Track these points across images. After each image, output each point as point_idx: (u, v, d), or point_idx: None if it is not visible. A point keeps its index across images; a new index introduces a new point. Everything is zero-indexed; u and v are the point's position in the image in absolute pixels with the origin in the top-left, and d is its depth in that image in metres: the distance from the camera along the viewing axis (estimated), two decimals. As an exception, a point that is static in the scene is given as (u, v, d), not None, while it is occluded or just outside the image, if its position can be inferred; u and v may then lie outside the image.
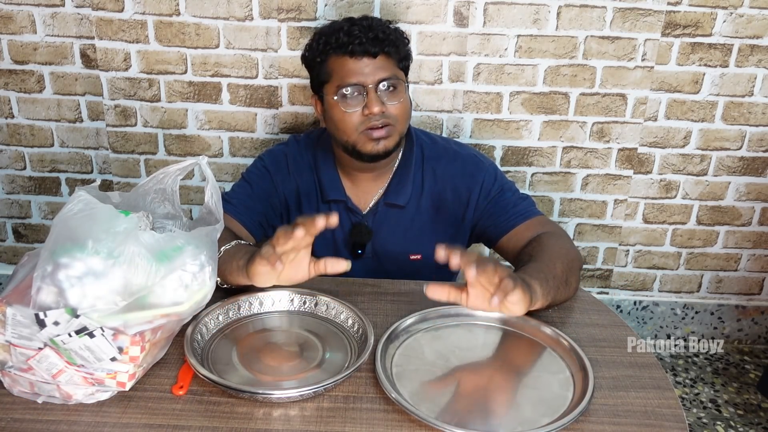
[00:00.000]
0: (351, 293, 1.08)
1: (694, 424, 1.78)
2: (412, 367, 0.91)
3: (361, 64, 1.16)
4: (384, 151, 1.19)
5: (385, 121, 1.17)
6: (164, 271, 0.81)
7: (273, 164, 1.31)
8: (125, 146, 1.89)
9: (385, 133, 1.18)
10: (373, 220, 1.29)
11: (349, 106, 1.17)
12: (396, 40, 1.19)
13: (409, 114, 1.23)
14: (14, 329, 0.78)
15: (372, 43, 1.15)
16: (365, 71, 1.16)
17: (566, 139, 1.86)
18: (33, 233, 2.03)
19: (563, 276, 1.03)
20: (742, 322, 2.09)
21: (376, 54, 1.16)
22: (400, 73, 1.21)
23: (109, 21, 1.74)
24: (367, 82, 1.16)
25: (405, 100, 1.20)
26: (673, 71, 1.79)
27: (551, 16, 1.73)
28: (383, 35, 1.16)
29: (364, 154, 1.19)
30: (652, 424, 0.81)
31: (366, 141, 1.18)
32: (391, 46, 1.18)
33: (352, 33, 1.15)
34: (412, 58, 1.26)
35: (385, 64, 1.17)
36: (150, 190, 0.95)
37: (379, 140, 1.17)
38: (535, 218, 1.22)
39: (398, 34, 1.21)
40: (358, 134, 1.18)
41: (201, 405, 0.83)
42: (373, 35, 1.15)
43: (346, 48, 1.16)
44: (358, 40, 1.15)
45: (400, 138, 1.21)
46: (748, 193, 1.93)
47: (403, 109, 1.19)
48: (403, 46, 1.21)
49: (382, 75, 1.16)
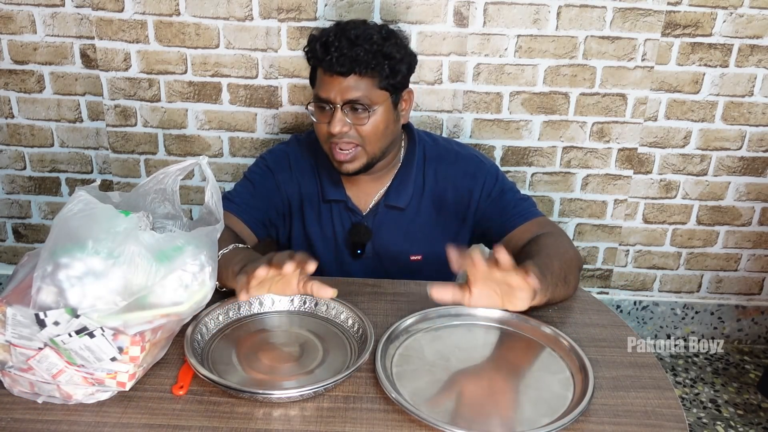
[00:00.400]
0: (351, 293, 1.08)
1: (694, 424, 1.78)
2: (412, 367, 0.91)
3: (332, 80, 1.13)
4: (346, 173, 1.20)
5: (349, 140, 1.16)
6: (164, 271, 0.81)
7: (275, 163, 1.31)
8: (125, 146, 1.89)
9: (349, 157, 1.17)
10: (373, 221, 1.29)
11: (318, 118, 1.17)
12: (376, 59, 1.12)
13: (383, 135, 1.18)
14: (14, 329, 0.78)
15: (342, 62, 1.10)
16: (334, 89, 1.13)
17: (566, 139, 1.86)
18: (33, 233, 2.03)
19: (561, 273, 1.04)
20: (742, 322, 2.09)
21: (345, 74, 1.12)
22: (376, 93, 1.14)
23: (109, 21, 1.74)
24: (335, 100, 1.13)
25: (377, 121, 1.15)
26: (673, 71, 1.79)
27: (551, 16, 1.73)
28: (360, 55, 1.10)
29: (335, 167, 1.21)
30: (652, 424, 0.81)
31: (333, 157, 1.19)
32: (365, 67, 1.11)
33: (327, 47, 1.11)
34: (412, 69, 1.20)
35: (356, 85, 1.12)
36: (150, 190, 0.95)
37: (341, 162, 1.18)
38: (535, 219, 1.22)
39: (388, 51, 1.13)
40: (328, 146, 1.19)
41: (201, 405, 0.83)
42: (350, 53, 1.10)
43: (320, 62, 1.14)
44: (330, 57, 1.11)
45: (370, 159, 1.19)
46: (748, 193, 1.93)
47: (371, 131, 1.15)
48: (389, 66, 1.14)
49: (350, 96, 1.12)
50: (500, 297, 0.97)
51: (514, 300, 0.95)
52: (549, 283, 0.99)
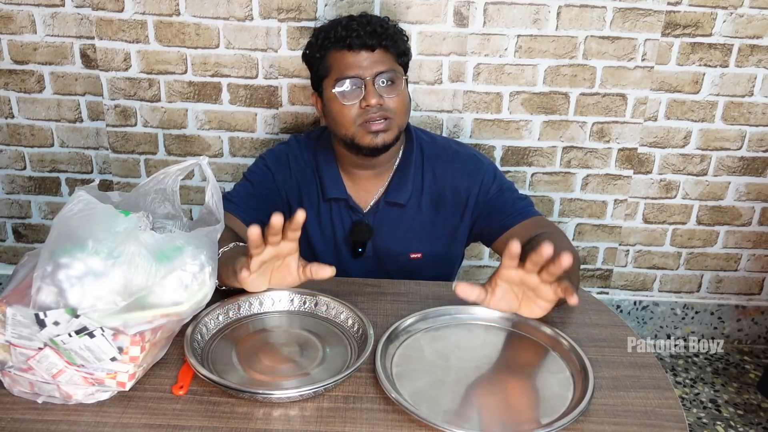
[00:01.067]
0: (351, 293, 1.08)
1: (694, 424, 1.78)
2: (412, 367, 0.91)
3: (359, 57, 1.17)
4: (383, 145, 1.19)
5: (383, 113, 1.17)
6: (164, 271, 0.81)
7: (274, 163, 1.31)
8: (125, 146, 1.89)
9: (384, 126, 1.18)
10: (373, 219, 1.29)
11: (347, 98, 1.18)
12: (394, 35, 1.20)
13: (408, 108, 1.23)
14: (14, 329, 0.78)
15: (370, 37, 1.16)
16: (363, 64, 1.17)
17: (566, 139, 1.86)
18: (33, 233, 2.03)
19: (565, 276, 1.03)
20: (742, 322, 2.09)
21: (374, 47, 1.17)
22: (398, 67, 1.21)
23: (109, 21, 1.74)
24: (365, 74, 1.17)
25: (403, 93, 1.20)
26: (673, 71, 1.79)
27: (551, 16, 1.73)
28: (381, 29, 1.18)
29: (362, 147, 1.19)
30: (652, 424, 0.81)
31: (364, 134, 1.18)
32: (389, 40, 1.19)
33: (350, 27, 1.17)
34: (411, 55, 1.27)
35: (383, 58, 1.18)
36: (150, 191, 0.95)
37: (377, 133, 1.18)
38: (533, 218, 1.22)
39: (396, 30, 1.22)
40: (356, 127, 1.18)
41: (201, 405, 0.83)
42: (371, 29, 1.17)
43: (345, 42, 1.17)
44: (356, 33, 1.16)
45: (399, 132, 1.22)
46: (748, 193, 1.93)
47: (401, 102, 1.19)
48: (401, 42, 1.22)
49: (380, 68, 1.17)
50: (519, 302, 0.97)
51: (533, 308, 0.96)
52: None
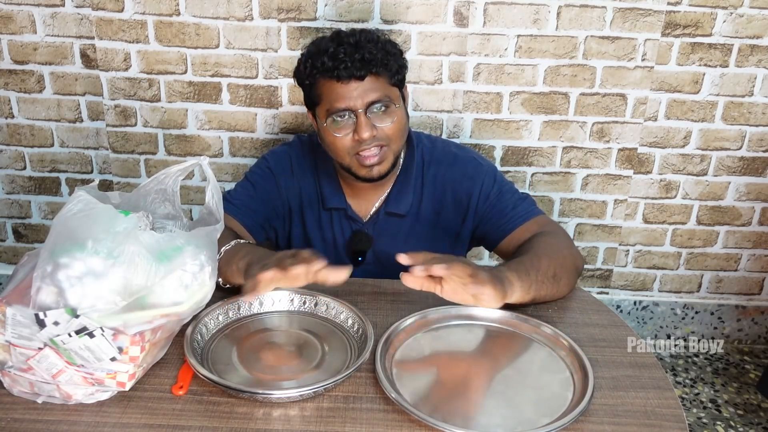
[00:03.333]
0: (351, 293, 1.08)
1: (694, 424, 1.78)
2: (412, 367, 0.91)
3: (349, 87, 1.11)
4: (378, 176, 1.17)
5: (377, 143, 1.14)
6: (164, 271, 0.81)
7: (277, 166, 1.29)
8: (125, 146, 1.89)
9: (378, 159, 1.15)
10: (373, 229, 1.28)
11: (339, 130, 1.13)
12: (385, 57, 1.12)
13: (404, 131, 1.18)
14: (14, 329, 0.78)
15: (358, 67, 1.09)
16: (353, 95, 1.11)
17: (566, 139, 1.86)
18: (33, 233, 2.03)
19: (549, 270, 1.03)
20: (742, 322, 2.09)
21: (363, 76, 1.10)
22: (392, 90, 1.15)
23: (109, 21, 1.74)
24: (356, 106, 1.11)
25: (399, 118, 1.15)
26: (673, 71, 1.79)
27: (551, 16, 1.73)
28: (370, 55, 1.10)
29: (359, 177, 1.18)
30: (652, 424, 0.81)
31: (359, 166, 1.16)
32: (379, 66, 1.11)
33: (337, 56, 1.10)
34: (407, 66, 1.20)
35: (374, 85, 1.12)
36: (151, 191, 0.95)
37: (371, 167, 1.15)
38: (535, 219, 1.21)
39: (389, 48, 1.14)
40: (351, 158, 1.16)
41: (201, 405, 0.83)
42: (359, 56, 1.09)
43: (332, 72, 1.10)
44: (344, 64, 1.09)
45: (395, 158, 1.19)
46: (748, 193, 1.93)
47: (396, 128, 1.15)
48: (394, 63, 1.14)
49: (372, 97, 1.11)
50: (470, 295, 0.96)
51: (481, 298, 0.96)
52: (532, 281, 0.99)
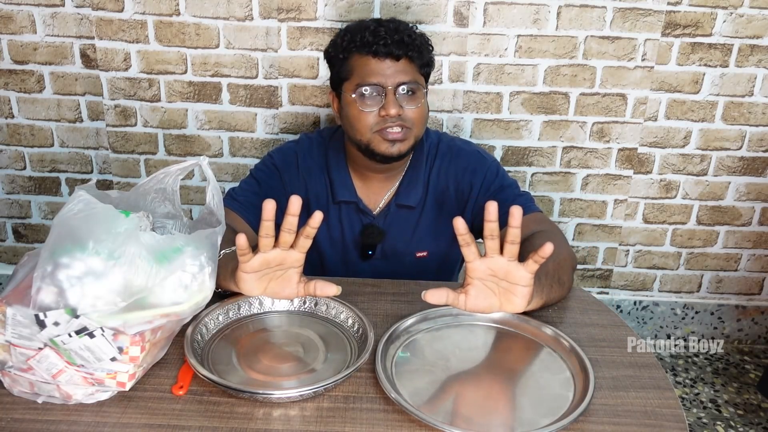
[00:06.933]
0: (351, 293, 1.08)
1: (694, 424, 1.78)
2: (412, 367, 0.91)
3: (383, 65, 1.16)
4: (398, 154, 1.19)
5: (400, 123, 1.17)
6: (164, 272, 0.81)
7: (283, 163, 1.30)
8: (125, 146, 1.89)
9: (401, 135, 1.17)
10: (384, 222, 1.29)
11: (366, 105, 1.17)
12: (420, 45, 1.19)
13: (426, 119, 1.23)
14: (14, 329, 0.78)
15: (397, 46, 1.15)
16: (386, 72, 1.16)
17: (566, 139, 1.86)
18: (33, 233, 2.03)
19: (555, 274, 1.03)
20: (742, 322, 2.09)
21: (399, 57, 1.16)
22: (420, 78, 1.20)
23: (109, 21, 1.74)
24: (387, 83, 1.16)
25: (423, 105, 1.20)
26: (673, 71, 1.79)
27: (551, 16, 1.73)
28: (408, 39, 1.16)
29: (377, 153, 1.19)
30: (652, 424, 0.81)
31: (380, 141, 1.18)
32: (416, 50, 1.17)
33: (378, 33, 1.16)
34: (434, 65, 1.26)
35: (406, 68, 1.17)
36: (150, 190, 0.95)
37: (394, 142, 1.17)
38: (532, 215, 1.21)
39: (423, 40, 1.21)
40: (372, 134, 1.18)
41: (201, 405, 0.83)
42: (398, 38, 1.15)
43: (371, 47, 1.16)
44: (384, 41, 1.15)
45: (415, 142, 1.21)
46: (748, 193, 1.93)
47: (420, 114, 1.19)
48: (426, 53, 1.21)
49: (403, 78, 1.16)
50: (498, 297, 0.94)
51: (513, 299, 0.92)
52: (544, 285, 0.99)
